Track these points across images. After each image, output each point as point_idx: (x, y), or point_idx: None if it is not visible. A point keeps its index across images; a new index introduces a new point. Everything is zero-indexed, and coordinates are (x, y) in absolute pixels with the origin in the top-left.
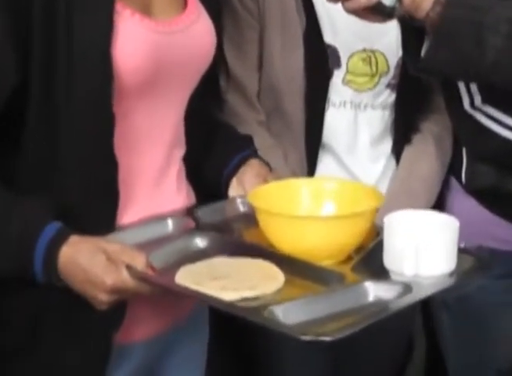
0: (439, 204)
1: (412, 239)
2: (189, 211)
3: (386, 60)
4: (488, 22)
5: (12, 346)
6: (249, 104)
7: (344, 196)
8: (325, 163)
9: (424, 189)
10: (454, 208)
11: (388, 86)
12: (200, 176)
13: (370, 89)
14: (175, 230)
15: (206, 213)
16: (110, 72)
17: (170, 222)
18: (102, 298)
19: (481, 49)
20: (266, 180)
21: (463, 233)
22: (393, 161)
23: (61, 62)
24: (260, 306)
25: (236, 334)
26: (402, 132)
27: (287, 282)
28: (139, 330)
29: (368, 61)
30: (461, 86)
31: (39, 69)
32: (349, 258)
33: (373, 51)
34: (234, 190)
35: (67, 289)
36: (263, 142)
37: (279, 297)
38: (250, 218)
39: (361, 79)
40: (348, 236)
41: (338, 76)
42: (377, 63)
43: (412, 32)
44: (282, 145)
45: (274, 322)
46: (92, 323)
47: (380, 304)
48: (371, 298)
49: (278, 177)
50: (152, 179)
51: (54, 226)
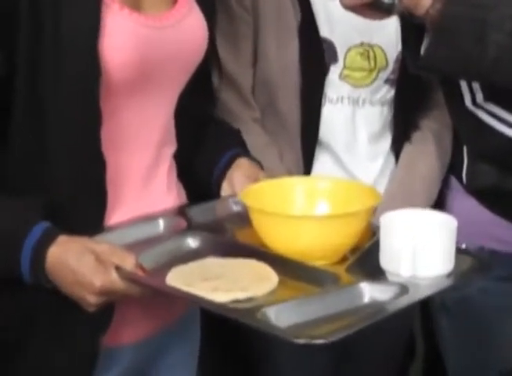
0: (439, 204)
1: (409, 239)
2: (181, 211)
3: (385, 55)
4: (492, 19)
5: None
6: (243, 101)
7: (339, 195)
8: (322, 161)
9: (424, 188)
10: (454, 208)
11: (387, 81)
12: (191, 173)
13: (368, 85)
14: (166, 230)
15: (198, 212)
16: (98, 66)
17: (161, 222)
18: (90, 300)
19: (483, 47)
20: (257, 180)
21: (463, 234)
22: (392, 160)
23: (48, 56)
24: (252, 308)
25: (230, 335)
26: (402, 130)
27: (280, 283)
28: (128, 332)
29: (366, 55)
30: (463, 83)
31: (25, 63)
32: (344, 259)
33: (371, 45)
34: (225, 193)
35: (55, 290)
36: (258, 140)
37: (273, 298)
38: (242, 217)
39: (358, 74)
40: (343, 236)
41: (335, 71)
42: (376, 58)
43: (411, 29)
44: (277, 143)
45: (267, 324)
46: (79, 324)
47: (376, 305)
48: (366, 300)
49: (270, 175)
50: (141, 179)
51: (42, 226)
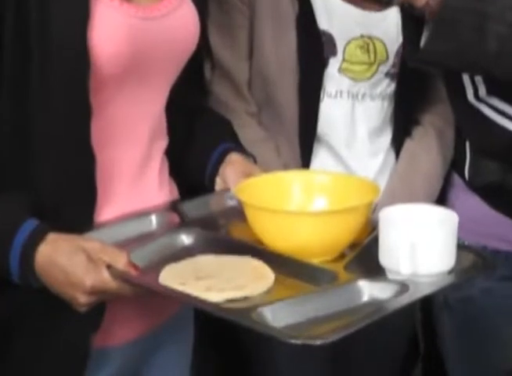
0: (441, 201)
1: (408, 235)
2: (174, 206)
3: (385, 48)
4: (492, 11)
5: None
6: (238, 95)
7: (337, 190)
8: (320, 157)
9: (425, 185)
10: (456, 205)
11: (387, 75)
12: (184, 169)
13: (368, 78)
14: (159, 226)
15: (191, 208)
16: (87, 58)
17: (153, 218)
18: (81, 300)
19: (483, 38)
20: (251, 175)
21: (466, 232)
22: (392, 155)
23: (35, 48)
24: (248, 308)
25: (224, 334)
26: (402, 125)
27: (277, 281)
28: (120, 332)
29: (366, 49)
30: (465, 76)
31: (11, 55)
32: (342, 256)
33: (372, 38)
34: (220, 188)
35: (44, 289)
36: (254, 134)
37: (269, 297)
38: (237, 212)
39: (358, 67)
40: (341, 232)
41: (334, 65)
42: (376, 51)
43: (411, 21)
44: (274, 138)
45: (263, 325)
46: (70, 324)
47: (376, 304)
48: (366, 298)
49: (266, 170)
50: (132, 174)
51: (31, 224)
